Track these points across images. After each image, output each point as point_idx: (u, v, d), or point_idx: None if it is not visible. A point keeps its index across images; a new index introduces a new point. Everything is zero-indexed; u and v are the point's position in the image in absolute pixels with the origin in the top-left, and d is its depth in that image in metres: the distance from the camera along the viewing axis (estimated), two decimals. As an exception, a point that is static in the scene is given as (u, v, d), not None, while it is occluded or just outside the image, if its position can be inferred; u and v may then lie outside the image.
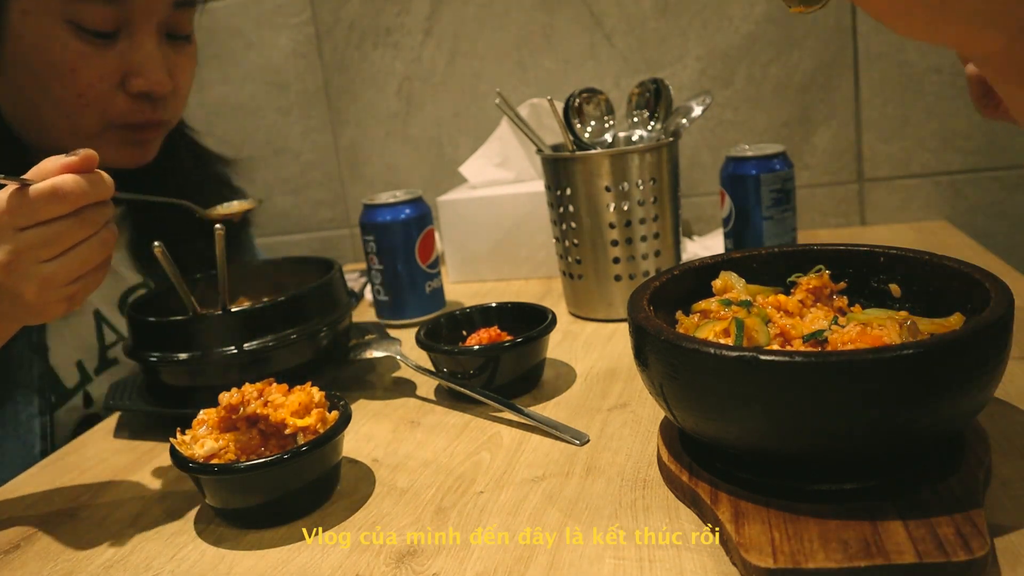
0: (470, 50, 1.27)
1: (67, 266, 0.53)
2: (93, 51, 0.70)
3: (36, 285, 0.52)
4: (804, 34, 1.14)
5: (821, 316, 0.53)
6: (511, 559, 0.46)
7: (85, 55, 0.70)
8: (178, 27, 0.77)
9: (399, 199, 0.90)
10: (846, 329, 0.49)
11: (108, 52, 0.71)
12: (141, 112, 0.75)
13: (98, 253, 0.54)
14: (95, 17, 0.69)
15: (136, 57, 0.72)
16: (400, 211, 0.90)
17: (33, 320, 0.56)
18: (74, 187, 0.51)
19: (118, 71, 0.72)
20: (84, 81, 0.71)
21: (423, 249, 0.91)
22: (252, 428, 0.54)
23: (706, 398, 0.45)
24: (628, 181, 0.81)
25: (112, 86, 0.73)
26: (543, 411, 0.64)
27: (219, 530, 0.53)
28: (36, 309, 0.54)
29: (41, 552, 0.54)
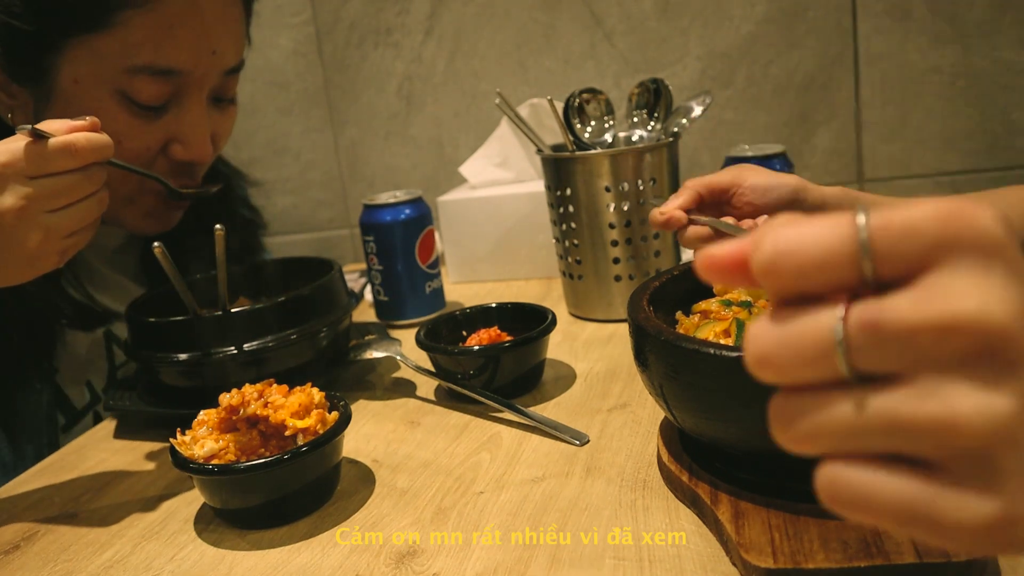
0: (470, 50, 1.27)
1: (70, 218, 0.55)
2: (141, 123, 0.70)
3: (41, 233, 0.54)
4: (804, 34, 1.14)
5: None
6: (511, 559, 0.46)
7: (133, 126, 0.70)
8: (225, 91, 0.77)
9: (399, 199, 0.90)
10: None
11: (156, 123, 0.71)
12: (179, 176, 0.75)
13: (95, 211, 0.57)
14: (149, 92, 0.69)
15: (183, 127, 0.72)
16: (400, 211, 0.90)
17: (25, 271, 0.56)
18: (86, 144, 0.54)
19: (163, 139, 0.72)
20: (129, 151, 0.70)
21: (423, 249, 0.91)
22: (252, 429, 0.54)
23: (706, 398, 0.45)
24: (628, 181, 0.81)
25: (155, 152, 0.73)
26: (543, 411, 0.64)
27: (219, 530, 0.53)
28: (33, 258, 0.55)
29: (41, 552, 0.54)
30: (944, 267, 0.21)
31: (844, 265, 0.22)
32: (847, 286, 0.22)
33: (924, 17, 1.09)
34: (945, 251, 0.21)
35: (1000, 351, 0.21)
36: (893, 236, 0.22)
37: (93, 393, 0.79)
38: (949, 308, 0.21)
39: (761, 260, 0.23)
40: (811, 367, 0.23)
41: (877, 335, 0.22)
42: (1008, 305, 0.21)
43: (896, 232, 0.22)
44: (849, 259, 0.22)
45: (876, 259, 0.22)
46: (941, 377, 0.21)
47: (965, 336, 0.21)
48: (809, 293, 0.23)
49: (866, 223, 0.22)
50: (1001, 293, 0.21)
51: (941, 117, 1.12)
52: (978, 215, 0.21)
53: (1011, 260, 0.21)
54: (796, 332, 0.23)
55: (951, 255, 0.21)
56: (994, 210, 0.22)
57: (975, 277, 0.21)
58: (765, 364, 0.24)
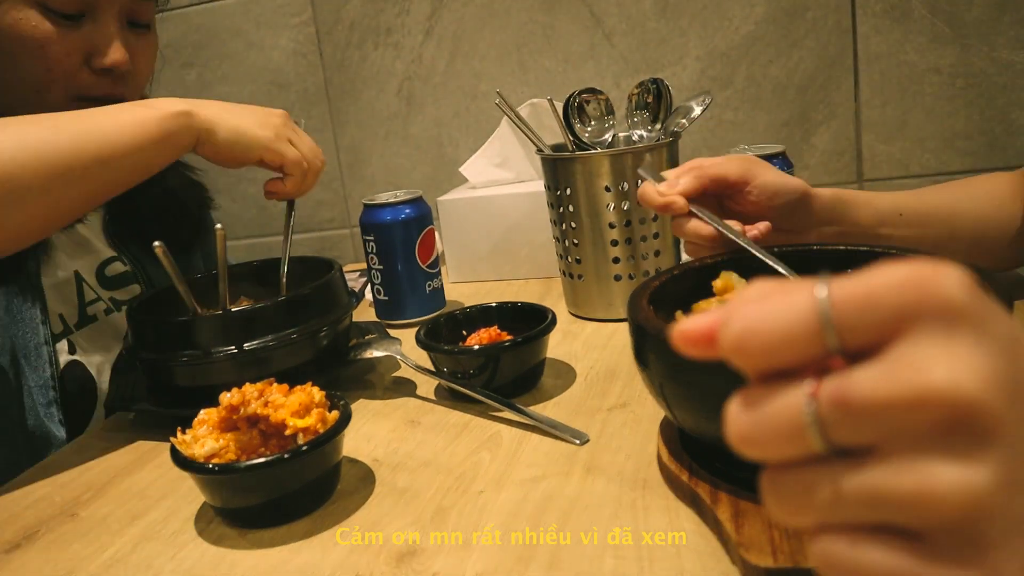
0: (470, 50, 1.28)
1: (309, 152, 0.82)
2: (60, 31, 0.78)
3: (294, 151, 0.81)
4: (804, 34, 1.14)
5: None
6: (511, 559, 0.46)
7: (53, 33, 0.78)
8: (138, 16, 0.85)
9: (399, 199, 0.90)
10: None
11: (74, 33, 0.79)
12: (103, 86, 0.83)
13: None
14: (62, 1, 0.78)
15: (99, 38, 0.80)
16: (400, 211, 0.90)
17: (254, 134, 0.78)
18: None
19: (82, 50, 0.80)
20: (52, 57, 0.78)
21: (423, 249, 0.91)
22: (252, 428, 0.54)
23: (706, 398, 0.45)
24: (628, 181, 0.81)
25: (77, 63, 0.80)
26: (543, 411, 0.64)
27: (219, 530, 0.53)
28: (269, 135, 0.79)
29: (41, 552, 0.54)
30: (909, 337, 0.21)
31: (810, 341, 0.22)
32: (817, 359, 0.23)
33: (923, 17, 1.09)
34: (909, 321, 0.21)
35: (973, 422, 0.21)
36: (854, 309, 0.22)
37: (65, 325, 0.82)
38: (917, 381, 0.21)
39: (729, 340, 0.24)
40: (789, 445, 0.23)
41: (848, 411, 0.22)
42: (977, 373, 0.21)
43: (857, 305, 0.22)
44: (814, 335, 0.22)
45: (840, 333, 0.22)
46: (917, 450, 0.21)
47: (935, 409, 0.21)
48: (781, 368, 0.23)
49: (827, 296, 0.22)
50: (968, 361, 0.21)
51: (940, 117, 1.12)
52: (940, 282, 0.21)
53: (978, 324, 0.21)
54: (770, 412, 0.23)
55: (915, 324, 0.21)
56: (958, 272, 0.21)
57: (941, 347, 0.21)
58: (747, 444, 0.24)
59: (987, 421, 0.21)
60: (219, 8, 1.37)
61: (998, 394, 0.21)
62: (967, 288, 0.21)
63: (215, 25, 1.38)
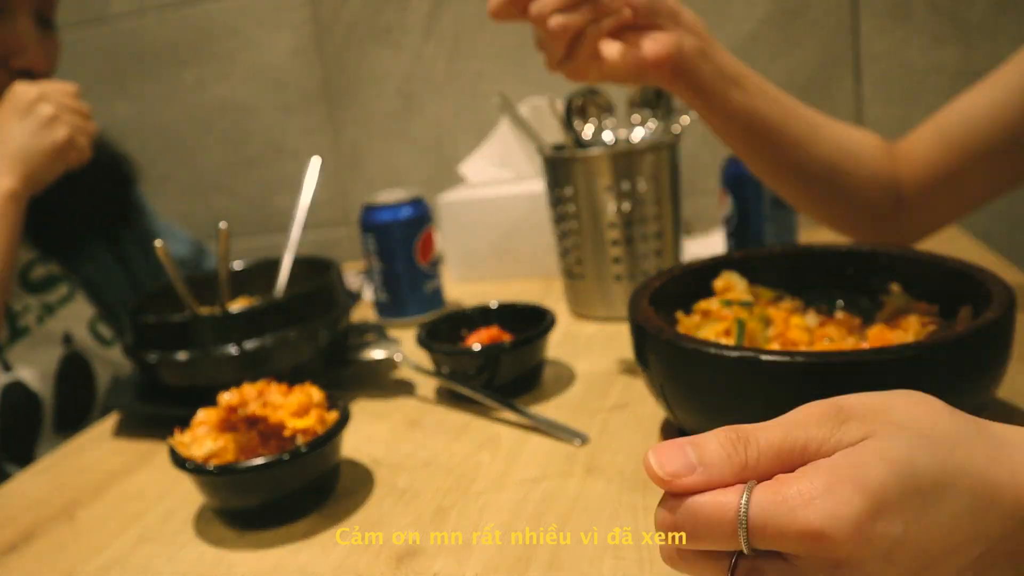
0: (470, 50, 1.27)
1: (77, 122, 0.79)
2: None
3: (52, 110, 0.77)
4: (804, 34, 1.14)
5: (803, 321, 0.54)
6: (511, 559, 0.46)
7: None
8: (47, 12, 0.87)
9: (399, 199, 0.90)
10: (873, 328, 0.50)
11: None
12: None
13: (90, 131, 0.81)
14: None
15: (14, 39, 0.83)
16: (400, 211, 0.90)
17: (41, 139, 0.76)
18: (70, 84, 0.81)
19: (1, 53, 0.82)
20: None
21: (423, 249, 0.91)
22: (251, 429, 0.54)
23: (706, 398, 0.45)
24: (628, 181, 0.81)
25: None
26: (543, 411, 0.64)
27: (219, 530, 0.53)
28: (48, 126, 0.76)
29: (41, 552, 0.54)
30: (808, 561, 0.28)
31: (730, 543, 0.29)
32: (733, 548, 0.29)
33: (925, 16, 1.09)
34: (809, 557, 0.28)
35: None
36: (768, 539, 0.28)
37: None
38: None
39: (661, 518, 0.30)
40: None
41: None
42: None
43: (770, 538, 0.28)
44: (734, 542, 0.29)
45: (754, 547, 0.28)
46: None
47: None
48: None
49: (745, 536, 0.28)
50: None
51: (941, 117, 1.12)
52: (838, 545, 0.27)
53: (857, 565, 0.27)
54: None
55: (813, 560, 0.28)
56: (854, 522, 0.26)
57: None
58: None
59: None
60: (218, 8, 1.37)
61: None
62: (858, 540, 0.26)
63: (214, 25, 1.38)
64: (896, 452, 0.27)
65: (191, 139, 1.47)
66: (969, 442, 0.29)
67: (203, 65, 1.41)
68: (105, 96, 1.50)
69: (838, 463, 0.28)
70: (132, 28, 1.44)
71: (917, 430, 0.28)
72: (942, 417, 0.29)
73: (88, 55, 1.49)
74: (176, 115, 1.47)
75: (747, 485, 0.28)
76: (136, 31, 1.44)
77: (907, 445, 0.28)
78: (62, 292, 0.87)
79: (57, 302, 0.86)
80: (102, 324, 0.89)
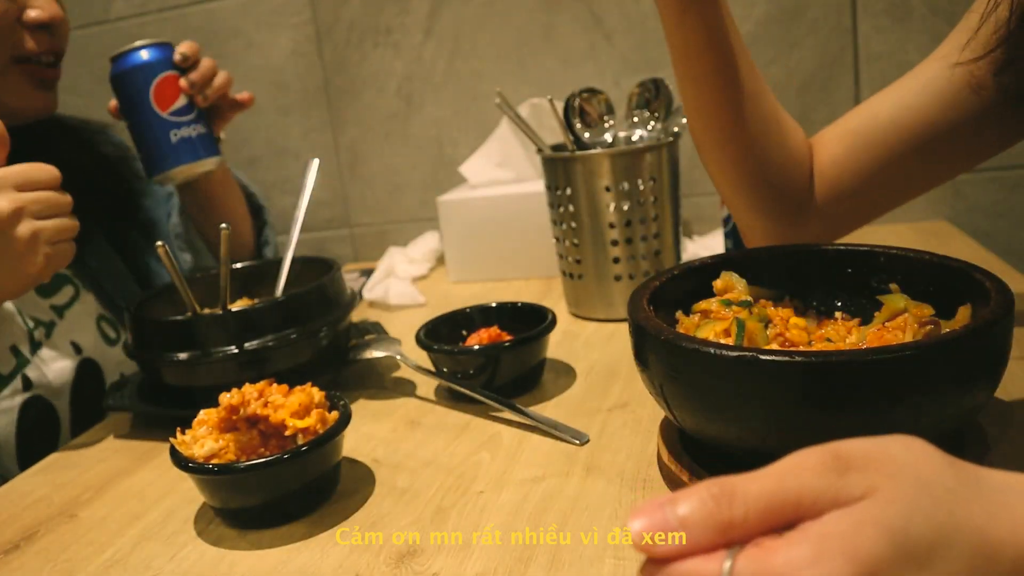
0: (470, 50, 1.27)
1: (54, 225, 0.67)
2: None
3: (29, 233, 0.64)
4: (804, 34, 1.14)
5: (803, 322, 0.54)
6: (511, 559, 0.46)
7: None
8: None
9: (131, 46, 0.85)
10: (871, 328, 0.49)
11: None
12: (41, 42, 0.82)
13: (70, 230, 0.69)
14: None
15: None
16: (130, 60, 0.84)
17: (16, 273, 0.65)
18: (49, 168, 0.68)
19: (16, 7, 0.80)
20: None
21: (160, 96, 0.84)
22: (252, 428, 0.54)
23: (706, 398, 0.45)
24: (628, 181, 0.81)
25: (12, 22, 0.80)
26: (543, 411, 0.64)
27: (219, 530, 0.53)
28: (22, 256, 0.65)
29: (41, 552, 0.54)
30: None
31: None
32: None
33: (924, 16, 1.09)
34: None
35: None
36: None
37: (19, 357, 0.79)
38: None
39: None
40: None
41: None
42: None
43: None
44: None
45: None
46: None
47: None
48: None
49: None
50: None
51: (941, 117, 1.12)
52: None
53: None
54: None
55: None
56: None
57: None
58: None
59: None
60: (219, 8, 1.37)
61: None
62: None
63: (215, 25, 1.38)
64: (893, 518, 0.26)
65: (191, 139, 1.46)
66: (969, 497, 0.27)
67: (203, 65, 1.41)
68: (106, 97, 1.50)
69: (830, 530, 0.26)
70: (134, 30, 1.44)
71: (918, 485, 0.27)
72: (942, 469, 0.28)
73: (90, 57, 1.48)
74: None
75: (730, 552, 0.26)
76: (137, 33, 1.44)
77: (906, 507, 0.26)
78: (69, 293, 0.87)
79: (65, 304, 0.86)
80: (107, 323, 0.89)
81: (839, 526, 0.26)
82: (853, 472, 0.27)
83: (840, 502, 0.27)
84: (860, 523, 0.26)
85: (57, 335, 0.82)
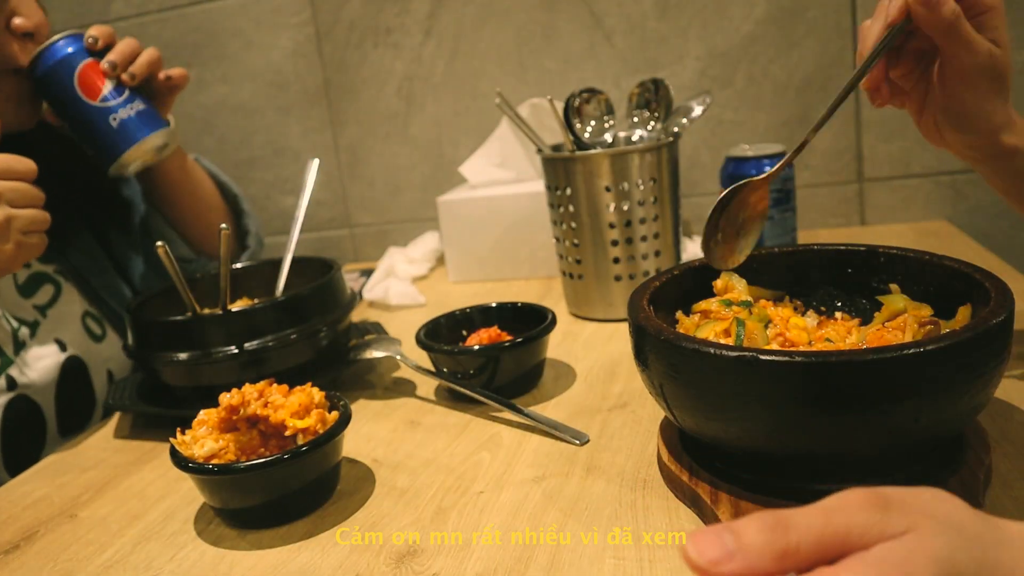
0: (470, 50, 1.27)
1: (26, 215, 0.68)
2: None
3: (2, 218, 0.66)
4: (804, 34, 1.14)
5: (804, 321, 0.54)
6: (511, 559, 0.46)
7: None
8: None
9: (44, 44, 0.82)
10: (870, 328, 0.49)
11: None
12: (28, 51, 0.82)
13: (42, 222, 0.70)
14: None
15: (15, 3, 0.80)
16: (51, 56, 0.81)
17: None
18: (26, 160, 0.69)
19: (2, 16, 0.79)
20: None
21: (84, 84, 0.82)
22: (252, 429, 0.54)
23: (706, 398, 0.45)
24: (628, 181, 0.81)
25: (2, 27, 0.79)
26: (543, 411, 0.64)
27: (219, 530, 0.53)
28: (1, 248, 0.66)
29: (41, 552, 0.54)
30: None
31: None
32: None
33: (924, 17, 1.09)
34: None
35: None
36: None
37: (3, 357, 0.78)
38: None
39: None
40: None
41: None
42: None
43: None
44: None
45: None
46: None
47: None
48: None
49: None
50: None
51: (941, 117, 1.12)
52: None
53: None
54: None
55: None
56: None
57: None
58: None
59: None
60: (218, 8, 1.37)
61: None
62: None
63: (214, 25, 1.38)
64: (939, 550, 0.27)
65: (192, 140, 1.47)
66: (996, 542, 0.29)
67: (204, 66, 1.41)
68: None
69: (885, 557, 0.27)
70: (133, 30, 1.44)
71: (953, 526, 0.28)
72: (969, 517, 0.29)
73: (88, 55, 1.48)
74: (176, 116, 1.47)
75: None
76: (137, 33, 1.44)
77: (948, 543, 0.28)
78: (50, 292, 0.86)
79: (47, 303, 0.85)
80: (91, 319, 0.88)
81: (893, 554, 0.27)
82: (894, 510, 0.28)
83: (886, 536, 0.28)
84: (912, 552, 0.27)
85: (42, 334, 0.82)
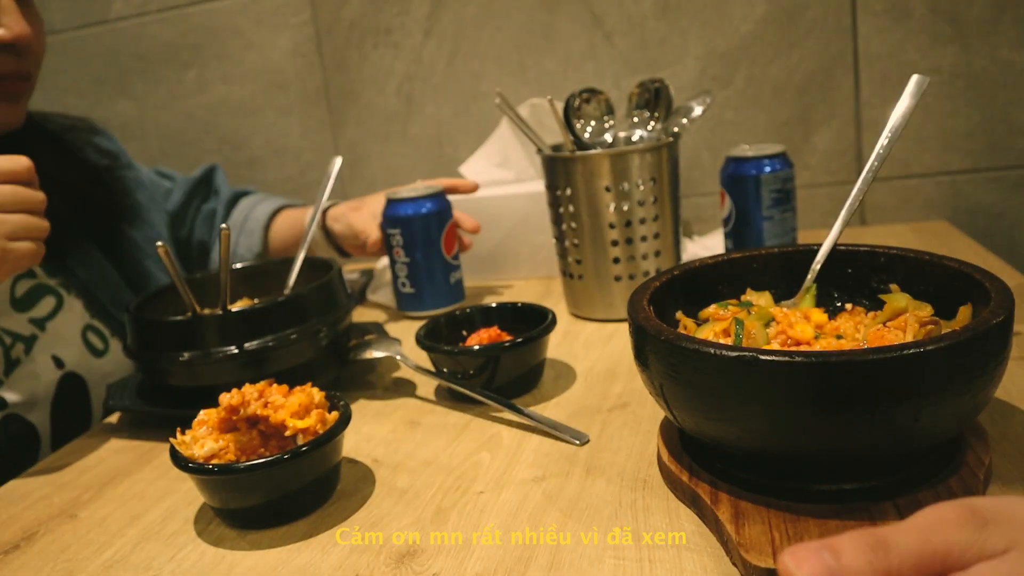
0: (470, 50, 1.27)
1: (18, 221, 0.65)
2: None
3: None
4: (804, 34, 1.14)
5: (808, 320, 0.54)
6: (511, 559, 0.46)
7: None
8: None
9: (423, 193, 0.93)
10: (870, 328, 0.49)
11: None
12: (7, 63, 0.80)
13: (37, 229, 0.67)
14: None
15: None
16: (424, 204, 0.92)
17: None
18: (23, 159, 0.66)
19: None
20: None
21: (448, 241, 0.94)
22: (252, 429, 0.54)
23: (706, 398, 0.45)
24: (628, 181, 0.81)
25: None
26: (543, 411, 0.64)
27: (219, 530, 0.53)
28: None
29: (41, 552, 0.54)
30: None
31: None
32: None
33: (924, 17, 1.09)
34: None
35: None
36: None
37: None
38: None
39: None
40: None
41: None
42: None
43: None
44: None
45: None
46: None
47: None
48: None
49: None
50: None
51: (941, 117, 1.12)
52: None
53: None
54: None
55: None
56: None
57: None
58: None
59: None
60: (218, 8, 1.37)
61: None
62: None
63: (214, 25, 1.38)
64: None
65: (192, 140, 1.47)
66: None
67: (204, 66, 1.41)
68: (106, 97, 1.50)
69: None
70: (133, 30, 1.44)
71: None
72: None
73: (90, 57, 1.49)
74: (177, 116, 1.47)
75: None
76: (137, 33, 1.44)
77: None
78: (51, 304, 0.83)
79: (47, 315, 0.82)
80: (93, 333, 0.86)
81: (997, 574, 0.27)
82: (991, 526, 0.28)
83: (986, 555, 0.27)
84: (1015, 572, 0.27)
85: (38, 350, 0.80)
